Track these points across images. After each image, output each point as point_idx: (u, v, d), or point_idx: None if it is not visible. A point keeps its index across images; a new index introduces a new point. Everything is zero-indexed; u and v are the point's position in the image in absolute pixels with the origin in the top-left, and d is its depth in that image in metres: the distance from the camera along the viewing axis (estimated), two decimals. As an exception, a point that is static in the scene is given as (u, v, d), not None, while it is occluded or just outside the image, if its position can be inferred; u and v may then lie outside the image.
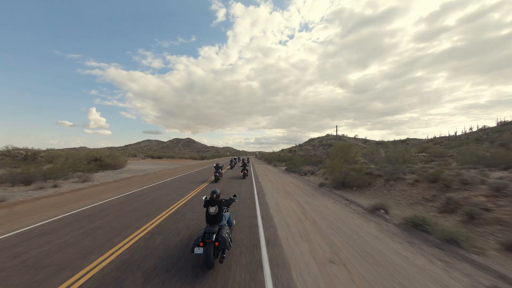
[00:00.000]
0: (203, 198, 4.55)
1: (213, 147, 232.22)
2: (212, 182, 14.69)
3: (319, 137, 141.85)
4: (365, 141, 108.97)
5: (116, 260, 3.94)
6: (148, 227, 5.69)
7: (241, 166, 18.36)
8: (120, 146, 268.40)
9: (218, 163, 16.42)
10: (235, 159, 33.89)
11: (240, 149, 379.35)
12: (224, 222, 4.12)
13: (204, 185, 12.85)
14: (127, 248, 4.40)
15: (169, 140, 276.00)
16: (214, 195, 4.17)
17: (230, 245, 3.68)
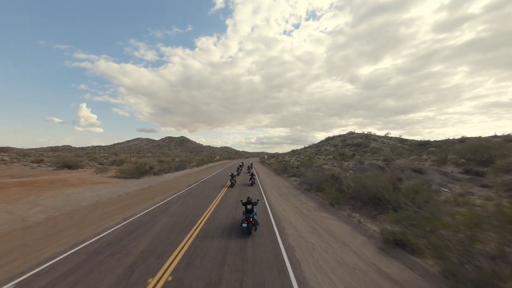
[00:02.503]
0: (241, 200, 8.73)
1: (209, 147, 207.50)
2: (229, 186, 18.04)
3: (340, 135, 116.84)
4: (402, 140, 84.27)
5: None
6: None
7: (249, 175, 22.11)
8: (107, 145, 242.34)
9: (233, 173, 20.01)
10: (240, 165, 35.51)
11: (241, 149, 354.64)
12: (255, 212, 7.85)
13: (225, 189, 16.85)
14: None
15: (161, 139, 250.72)
16: (249, 199, 8.00)
17: (258, 224, 7.60)
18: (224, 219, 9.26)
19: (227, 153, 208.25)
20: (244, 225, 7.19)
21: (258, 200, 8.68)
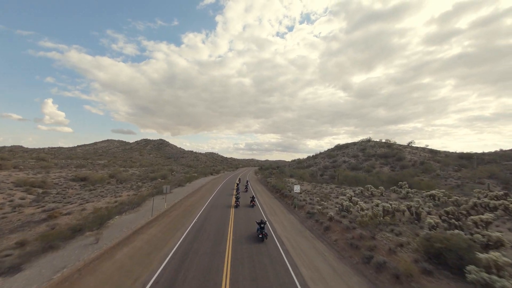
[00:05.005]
0: (256, 221, 13.11)
1: (191, 153, 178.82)
2: (235, 207, 19.54)
3: (355, 143, 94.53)
4: (431, 151, 71.75)
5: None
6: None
7: (250, 197, 22.80)
8: (69, 147, 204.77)
9: (239, 196, 22.11)
10: (237, 185, 32.00)
11: (228, 155, 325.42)
12: (265, 229, 12.27)
13: (232, 209, 18.75)
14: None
15: (136, 142, 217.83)
16: (262, 220, 12.37)
17: (267, 235, 11.82)
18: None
19: (213, 160, 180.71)
20: (260, 236, 11.58)
21: (266, 221, 12.83)
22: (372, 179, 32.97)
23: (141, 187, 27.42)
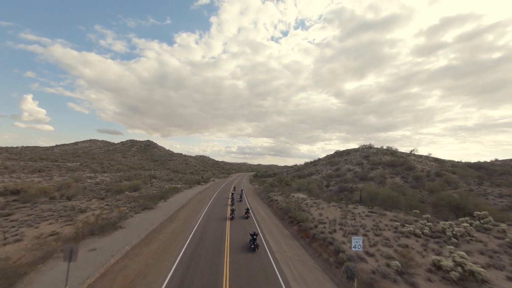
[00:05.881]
0: (249, 233, 14.16)
1: (180, 155, 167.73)
2: (230, 219, 19.58)
3: (356, 150, 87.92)
4: (437, 160, 68.58)
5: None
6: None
7: (245, 209, 22.50)
8: (46, 147, 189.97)
9: (234, 209, 21.52)
10: (232, 194, 32.53)
11: (220, 158, 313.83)
12: (257, 240, 13.18)
13: (228, 222, 18.83)
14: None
15: (121, 142, 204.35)
16: (254, 232, 13.62)
17: (258, 245, 12.92)
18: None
19: (203, 164, 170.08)
20: (252, 246, 12.59)
21: (258, 233, 15.01)
22: (406, 199, 25.28)
23: (84, 211, 18.28)
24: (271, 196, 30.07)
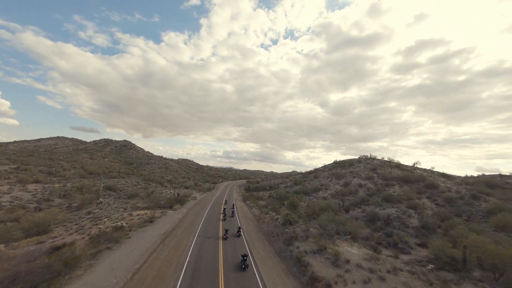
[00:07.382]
0: (240, 254, 16.29)
1: (160, 158, 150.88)
2: (223, 239, 20.45)
3: (360, 161, 78.65)
4: (444, 175, 63.39)
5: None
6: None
7: (237, 227, 23.43)
8: (1, 143, 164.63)
9: (228, 229, 21.95)
10: (224, 209, 32.72)
11: (204, 162, 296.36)
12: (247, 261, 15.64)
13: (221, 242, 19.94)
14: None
15: (93, 141, 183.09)
16: (245, 253, 15.84)
17: (248, 266, 15.30)
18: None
19: (186, 168, 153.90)
20: (243, 266, 14.70)
21: (248, 254, 16.62)
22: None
23: None
24: (300, 257, 16.70)
